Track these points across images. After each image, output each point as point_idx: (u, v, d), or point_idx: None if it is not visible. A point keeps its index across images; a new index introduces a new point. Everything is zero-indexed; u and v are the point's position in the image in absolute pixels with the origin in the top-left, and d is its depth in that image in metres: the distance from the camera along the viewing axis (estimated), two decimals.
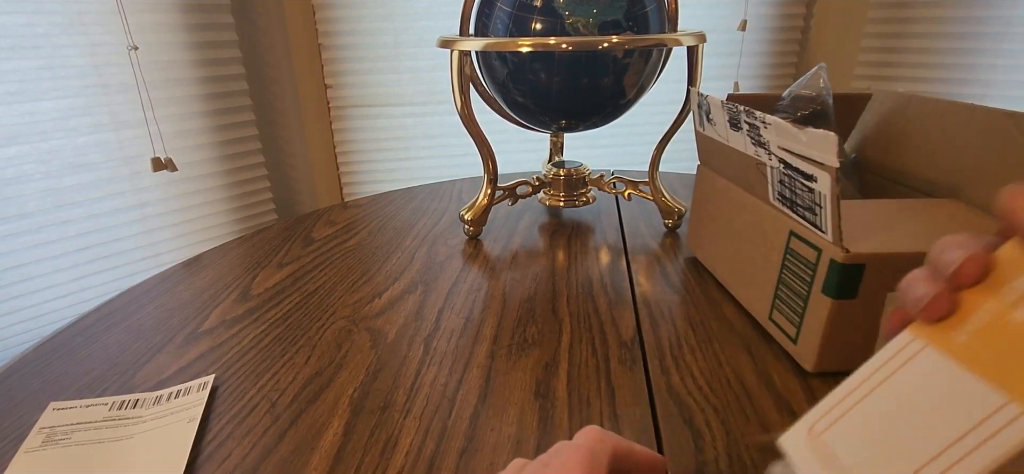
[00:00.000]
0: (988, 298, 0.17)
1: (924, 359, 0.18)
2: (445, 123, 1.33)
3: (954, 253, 0.18)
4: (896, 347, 0.19)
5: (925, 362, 0.17)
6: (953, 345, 0.17)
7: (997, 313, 0.17)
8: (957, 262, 0.17)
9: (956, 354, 0.17)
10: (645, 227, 0.67)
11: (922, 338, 0.18)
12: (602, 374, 0.40)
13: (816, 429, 0.19)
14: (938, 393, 0.17)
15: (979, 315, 0.17)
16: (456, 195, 0.81)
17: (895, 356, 0.18)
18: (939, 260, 0.18)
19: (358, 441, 0.34)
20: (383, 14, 1.23)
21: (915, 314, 0.18)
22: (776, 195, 0.40)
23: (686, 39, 0.54)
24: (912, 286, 0.19)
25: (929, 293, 0.18)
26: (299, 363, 0.42)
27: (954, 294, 0.18)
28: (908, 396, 0.17)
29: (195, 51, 1.10)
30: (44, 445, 0.34)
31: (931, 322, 0.18)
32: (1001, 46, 1.12)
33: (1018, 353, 0.16)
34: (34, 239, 1.00)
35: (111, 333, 0.47)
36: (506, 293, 0.52)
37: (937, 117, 0.47)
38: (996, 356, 0.16)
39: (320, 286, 0.54)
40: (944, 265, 0.18)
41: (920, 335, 0.18)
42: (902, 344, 0.18)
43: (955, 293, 0.18)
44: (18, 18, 0.91)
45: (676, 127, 0.61)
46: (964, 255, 0.17)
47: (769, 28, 1.29)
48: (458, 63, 0.57)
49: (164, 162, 1.07)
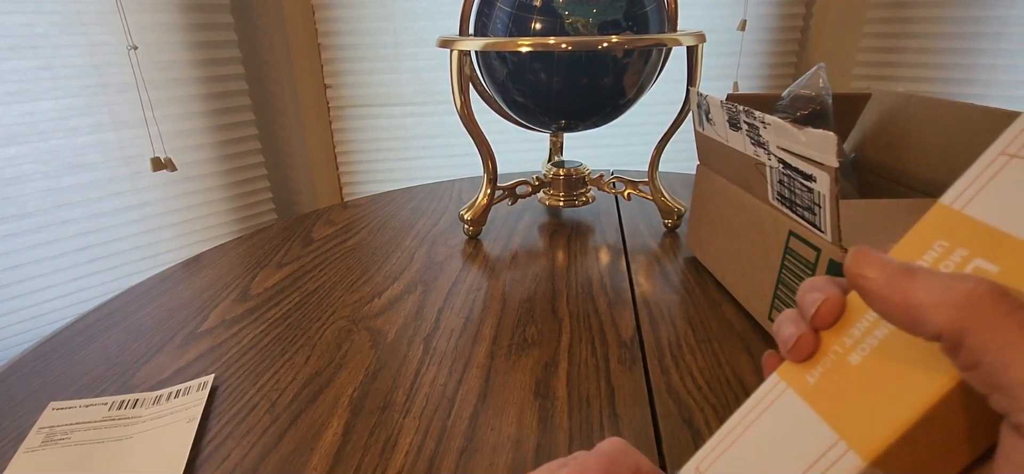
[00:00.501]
0: (835, 341, 0.19)
1: (784, 401, 0.19)
2: (445, 123, 1.33)
3: (814, 295, 0.19)
4: (765, 389, 0.20)
5: (784, 403, 0.19)
6: (806, 387, 0.19)
7: (839, 356, 0.18)
8: (817, 304, 0.19)
9: (807, 396, 0.19)
10: (645, 227, 0.67)
11: (784, 380, 0.20)
12: (602, 374, 0.40)
13: (701, 468, 0.20)
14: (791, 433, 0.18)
15: (828, 357, 0.19)
16: (456, 195, 0.81)
17: (764, 397, 0.20)
18: (804, 300, 0.19)
19: (358, 441, 0.34)
20: (383, 14, 1.23)
21: (784, 354, 0.20)
22: (775, 195, 0.40)
23: (686, 39, 0.54)
24: (782, 327, 0.20)
25: (795, 335, 0.19)
26: (299, 363, 0.42)
27: (815, 335, 0.19)
28: (770, 436, 0.19)
29: (195, 51, 1.10)
30: (44, 445, 0.34)
31: (797, 362, 0.19)
32: (1000, 46, 1.12)
33: (848, 394, 0.17)
34: (34, 239, 1.00)
35: (111, 333, 0.47)
36: (506, 293, 0.52)
37: (936, 117, 0.47)
38: (834, 397, 0.18)
39: (320, 286, 0.54)
40: (807, 306, 0.19)
41: (783, 376, 0.20)
42: (770, 386, 0.20)
43: (816, 333, 0.19)
44: (18, 18, 0.91)
45: (676, 127, 0.61)
46: (821, 298, 0.19)
47: (769, 28, 1.29)
48: (458, 63, 0.57)
49: (164, 162, 1.07)
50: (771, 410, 0.20)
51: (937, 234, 0.17)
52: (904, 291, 0.15)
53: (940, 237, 0.17)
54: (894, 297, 0.15)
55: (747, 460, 0.19)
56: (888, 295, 0.15)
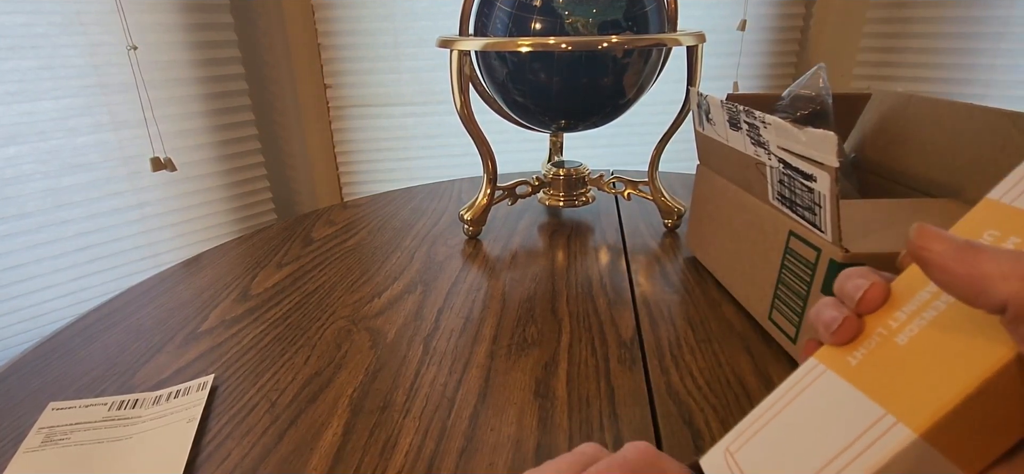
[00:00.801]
0: (879, 324, 0.19)
1: (823, 381, 0.19)
2: (445, 123, 1.33)
3: (859, 281, 0.20)
4: (801, 373, 0.20)
5: (823, 383, 0.19)
6: (847, 368, 0.19)
7: (884, 337, 0.19)
8: (863, 289, 0.19)
9: (849, 376, 0.19)
10: (645, 227, 0.67)
11: (823, 363, 0.20)
12: (602, 374, 0.40)
13: (730, 449, 0.20)
14: (832, 410, 0.18)
15: (871, 339, 0.19)
16: (456, 195, 0.81)
17: (800, 381, 0.20)
18: (844, 288, 0.20)
19: (358, 441, 0.34)
20: (383, 14, 1.23)
21: (825, 338, 0.20)
22: (775, 195, 0.40)
23: (685, 39, 0.54)
24: (822, 312, 0.20)
25: (838, 318, 0.20)
26: (298, 363, 0.42)
27: (859, 319, 0.20)
28: (808, 415, 0.19)
29: (194, 51, 1.10)
30: (43, 445, 0.34)
31: (839, 345, 0.20)
32: (1000, 46, 1.12)
33: (896, 371, 0.17)
34: (33, 239, 1.00)
35: (110, 333, 0.47)
36: (506, 293, 0.52)
37: (936, 117, 0.47)
38: (880, 374, 0.18)
39: (320, 286, 0.54)
40: (850, 292, 0.20)
41: (822, 360, 0.20)
42: (806, 370, 0.20)
43: (859, 319, 0.20)
44: (17, 18, 0.91)
45: (676, 127, 0.61)
46: (868, 283, 0.19)
47: (769, 28, 1.29)
48: (458, 63, 0.57)
49: (163, 162, 1.07)
50: (809, 391, 0.19)
51: (987, 225, 0.18)
52: (970, 263, 0.15)
53: (991, 227, 0.18)
54: (959, 269, 0.16)
55: (783, 439, 0.19)
56: (954, 267, 0.16)
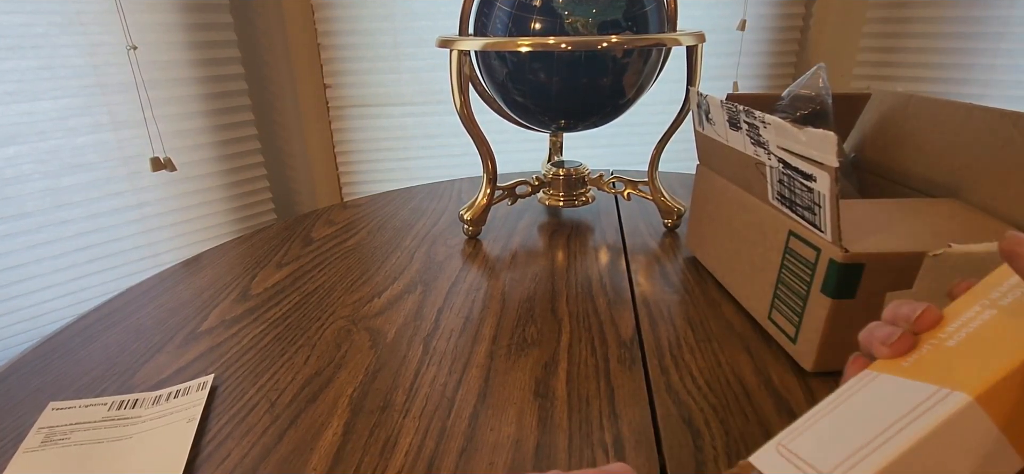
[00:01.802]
0: (931, 338, 0.20)
1: (876, 382, 0.20)
2: (444, 123, 1.33)
3: (912, 307, 0.21)
4: (851, 383, 0.21)
5: (876, 384, 0.20)
6: (900, 369, 0.20)
7: (935, 346, 0.20)
8: (919, 310, 0.21)
9: (902, 374, 0.20)
10: (644, 227, 0.67)
11: (875, 370, 0.21)
12: (601, 374, 0.40)
13: (783, 443, 0.21)
14: (887, 398, 0.19)
15: (922, 349, 0.20)
16: (455, 195, 0.81)
17: (852, 386, 0.21)
18: (899, 312, 0.22)
19: (357, 441, 0.34)
20: (383, 14, 1.23)
21: (880, 351, 0.21)
22: (775, 195, 0.40)
23: (685, 39, 0.54)
24: (875, 330, 0.22)
25: (895, 332, 0.21)
26: (298, 363, 0.42)
27: (914, 336, 0.21)
28: (862, 407, 0.20)
29: (194, 51, 1.10)
30: (43, 445, 0.34)
31: (894, 357, 0.21)
32: (999, 46, 1.12)
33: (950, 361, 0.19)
34: (33, 239, 0.99)
35: (110, 333, 0.47)
36: (505, 293, 0.52)
37: (936, 117, 0.47)
38: (934, 368, 0.19)
39: (319, 286, 0.54)
40: (906, 313, 0.21)
41: (872, 369, 0.21)
42: (857, 378, 0.21)
43: (915, 336, 0.21)
44: (17, 18, 0.91)
45: (675, 127, 0.61)
46: (924, 306, 0.21)
47: (768, 28, 1.29)
48: (457, 63, 0.57)
49: (163, 162, 1.07)
50: (861, 392, 0.20)
51: None
52: None
53: None
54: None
55: (838, 427, 0.19)
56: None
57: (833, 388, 0.22)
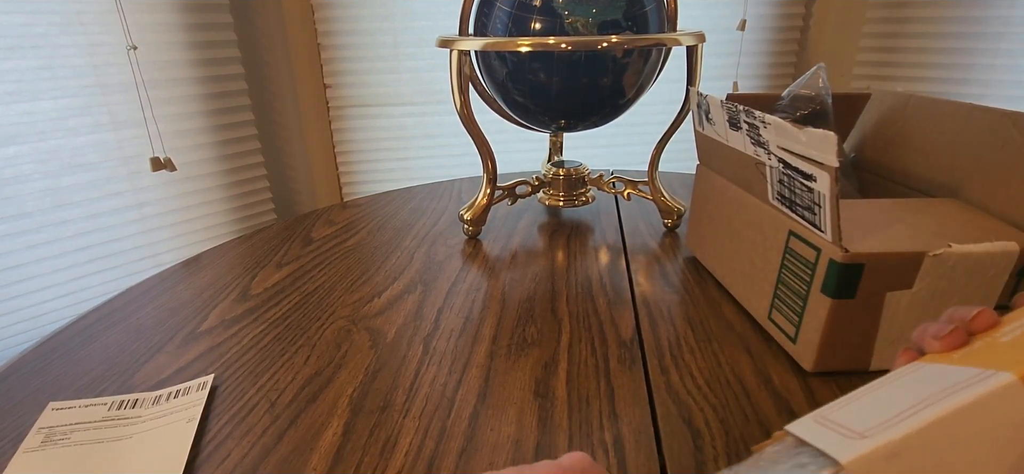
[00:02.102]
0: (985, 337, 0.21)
1: (923, 368, 0.21)
2: (444, 123, 1.33)
3: (969, 309, 0.22)
4: (899, 369, 0.21)
5: (923, 368, 0.20)
6: (948, 359, 0.20)
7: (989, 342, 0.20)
8: (976, 310, 0.21)
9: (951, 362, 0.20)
10: (644, 227, 0.67)
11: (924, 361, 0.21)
12: (601, 374, 0.40)
13: (823, 413, 0.21)
14: (930, 379, 0.19)
15: (975, 345, 0.21)
16: (455, 195, 0.81)
17: (897, 372, 0.21)
18: (954, 314, 0.22)
19: (357, 441, 0.34)
20: (383, 14, 1.23)
21: (932, 345, 0.21)
22: (775, 195, 0.40)
23: (685, 39, 0.54)
24: (929, 326, 0.22)
25: (949, 327, 0.21)
26: (298, 363, 0.42)
27: (968, 334, 0.21)
28: (905, 386, 0.20)
29: (194, 51, 1.10)
30: (43, 445, 0.34)
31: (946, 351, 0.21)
32: (999, 46, 1.12)
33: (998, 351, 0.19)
34: (33, 239, 0.99)
35: (110, 333, 0.47)
36: (505, 293, 0.52)
37: (936, 117, 0.47)
38: (984, 357, 0.19)
39: (319, 286, 0.54)
40: (963, 314, 0.22)
41: (923, 360, 0.21)
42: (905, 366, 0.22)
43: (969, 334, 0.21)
44: (17, 18, 0.91)
45: (675, 127, 0.61)
46: (976, 309, 0.21)
47: (768, 28, 1.29)
48: (457, 63, 0.57)
49: (163, 162, 1.07)
50: (908, 375, 0.20)
51: None
52: None
53: None
54: None
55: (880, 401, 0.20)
56: None
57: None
